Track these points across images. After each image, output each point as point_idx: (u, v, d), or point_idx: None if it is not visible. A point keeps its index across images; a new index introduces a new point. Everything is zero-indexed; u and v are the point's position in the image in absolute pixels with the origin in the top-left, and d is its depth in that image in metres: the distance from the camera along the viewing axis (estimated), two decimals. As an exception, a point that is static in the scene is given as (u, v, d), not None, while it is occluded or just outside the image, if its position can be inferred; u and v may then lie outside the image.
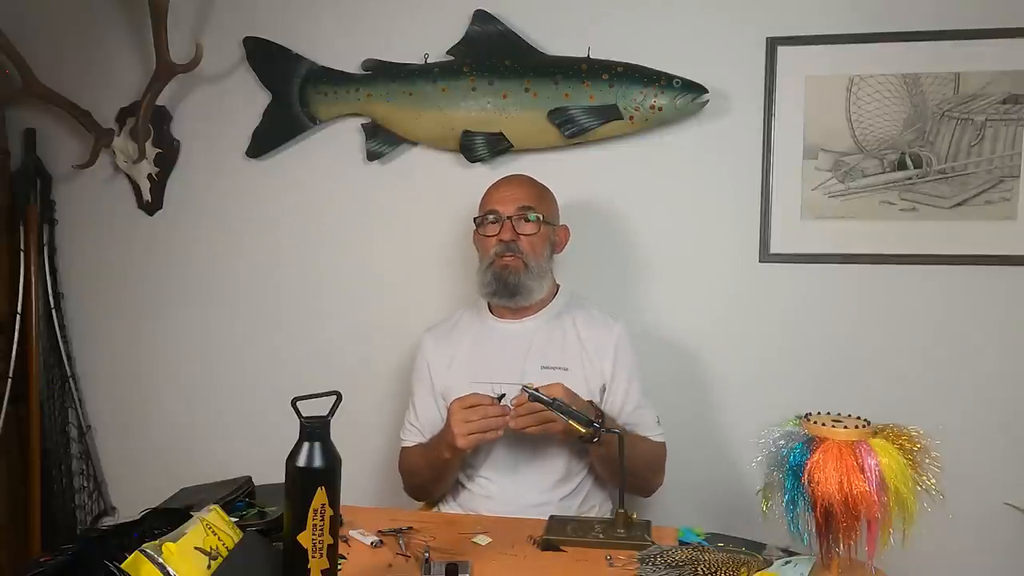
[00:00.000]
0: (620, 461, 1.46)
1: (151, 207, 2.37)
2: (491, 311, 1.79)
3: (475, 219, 1.77)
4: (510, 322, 1.76)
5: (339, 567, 1.19)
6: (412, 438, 1.77)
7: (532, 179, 1.81)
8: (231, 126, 2.29)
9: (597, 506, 1.74)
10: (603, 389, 1.70)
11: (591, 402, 1.59)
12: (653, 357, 2.04)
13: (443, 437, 1.58)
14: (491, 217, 1.73)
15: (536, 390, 1.49)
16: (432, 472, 1.67)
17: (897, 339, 2.00)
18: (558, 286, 1.81)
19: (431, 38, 2.13)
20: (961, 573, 1.97)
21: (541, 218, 1.72)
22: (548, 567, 1.32)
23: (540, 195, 1.77)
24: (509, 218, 1.70)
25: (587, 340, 1.73)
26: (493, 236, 1.72)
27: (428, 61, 2.14)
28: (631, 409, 1.70)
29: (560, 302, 1.79)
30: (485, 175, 2.02)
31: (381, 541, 1.40)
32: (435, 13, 2.14)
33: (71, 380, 2.42)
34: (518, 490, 1.67)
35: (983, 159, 1.93)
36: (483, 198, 1.78)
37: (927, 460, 1.15)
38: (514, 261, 1.69)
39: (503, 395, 1.54)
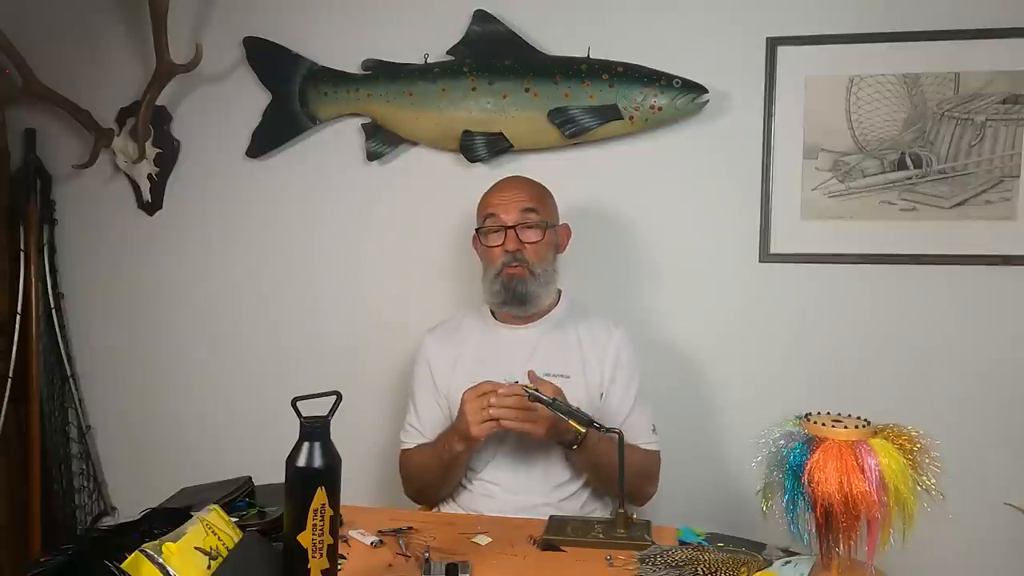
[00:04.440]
0: (620, 461, 1.46)
1: (151, 207, 2.37)
2: (494, 315, 1.78)
3: (477, 229, 1.76)
4: (514, 328, 1.76)
5: (339, 567, 1.19)
6: (413, 440, 1.76)
7: (530, 180, 1.80)
8: (231, 126, 2.29)
9: (597, 510, 1.73)
10: (603, 395, 1.70)
11: (578, 408, 1.58)
12: (653, 357, 2.04)
13: (455, 429, 1.58)
14: (492, 223, 1.71)
15: (536, 390, 1.50)
16: (441, 469, 1.66)
17: (897, 339, 2.00)
18: (559, 291, 1.81)
19: (431, 38, 2.13)
20: (961, 573, 1.97)
21: (545, 223, 1.71)
22: (548, 567, 1.32)
23: (540, 196, 1.76)
24: (512, 228, 1.69)
25: (588, 347, 1.73)
26: (497, 246, 1.70)
27: (428, 61, 2.14)
28: (626, 414, 1.70)
29: (563, 309, 1.78)
30: (485, 175, 2.03)
31: (381, 541, 1.40)
32: (435, 13, 2.14)
33: (71, 380, 2.42)
34: (519, 492, 1.67)
35: (983, 159, 1.93)
36: (481, 203, 1.77)
37: (927, 460, 1.14)
38: (520, 270, 1.68)
39: (515, 383, 1.54)
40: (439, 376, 1.76)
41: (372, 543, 1.39)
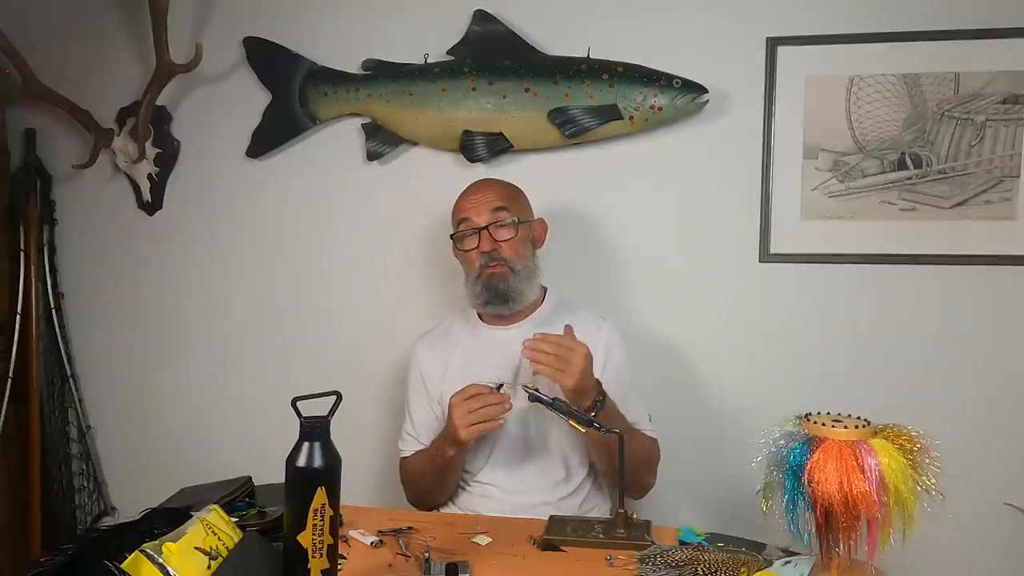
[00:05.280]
0: (620, 463, 1.46)
1: (151, 207, 2.37)
2: (480, 318, 1.79)
3: (452, 235, 1.77)
4: (501, 329, 1.76)
5: (339, 567, 1.19)
6: (410, 447, 1.77)
7: (498, 180, 1.81)
8: (231, 126, 2.29)
9: (596, 507, 1.73)
10: None
11: (598, 380, 1.57)
12: (653, 357, 2.04)
13: (446, 433, 1.59)
14: (465, 227, 1.72)
15: (536, 390, 1.49)
16: (436, 474, 1.67)
17: (897, 339, 2.00)
18: (545, 289, 1.81)
19: (431, 38, 2.13)
20: (961, 573, 1.97)
21: (516, 220, 1.71)
22: (548, 567, 1.32)
23: (510, 194, 1.76)
24: (485, 228, 1.69)
25: None
26: (473, 249, 1.71)
27: (428, 61, 2.14)
28: (620, 405, 1.69)
29: (548, 306, 1.79)
30: (485, 175, 2.02)
31: (381, 541, 1.40)
32: (435, 13, 2.14)
33: (71, 380, 2.42)
34: (518, 491, 1.67)
35: (983, 159, 1.93)
36: (454, 209, 1.77)
37: (927, 460, 1.14)
38: (500, 269, 1.69)
39: (501, 385, 1.54)
40: (430, 382, 1.76)
41: (372, 543, 1.39)
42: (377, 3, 2.19)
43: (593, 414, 1.55)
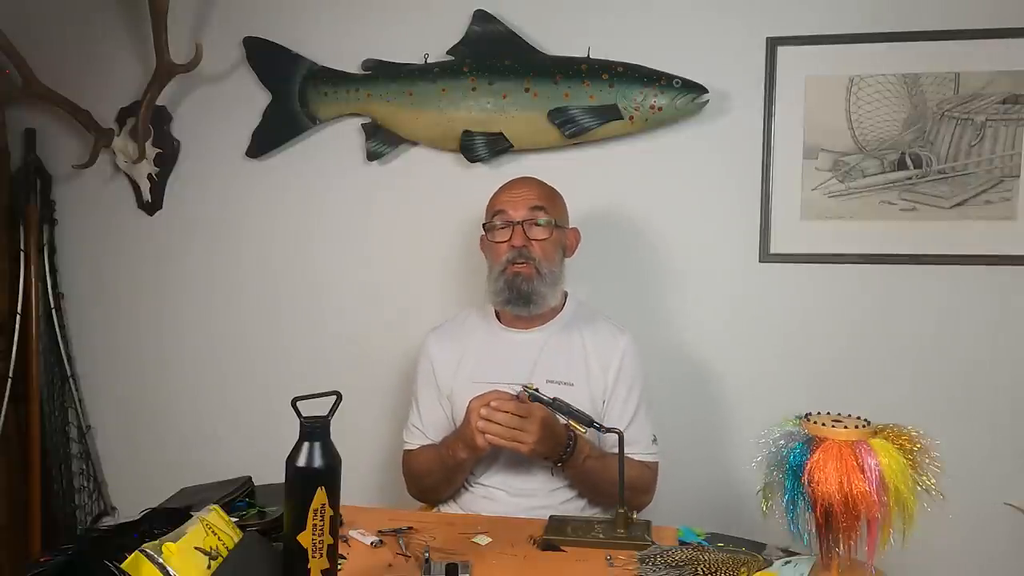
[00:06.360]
0: (620, 462, 1.46)
1: (151, 207, 2.37)
2: (498, 318, 1.77)
3: (484, 224, 1.74)
4: (519, 332, 1.74)
5: (339, 567, 1.19)
6: (416, 440, 1.76)
7: (540, 180, 1.77)
8: (231, 126, 2.29)
9: (598, 513, 1.72)
10: (605, 403, 1.69)
11: (579, 410, 1.56)
12: (652, 357, 2.02)
13: (460, 436, 1.57)
14: (500, 221, 1.69)
15: (536, 390, 1.49)
16: (445, 472, 1.66)
17: (897, 339, 2.00)
18: (566, 294, 1.79)
19: (431, 38, 2.13)
20: (961, 573, 1.97)
21: (553, 222, 1.69)
22: (548, 567, 1.32)
23: (550, 196, 1.74)
24: (520, 223, 1.67)
25: (593, 354, 1.71)
26: (504, 242, 1.68)
27: (428, 61, 2.14)
28: (627, 423, 1.67)
29: (569, 312, 1.76)
30: (485, 175, 2.03)
31: (381, 541, 1.40)
32: (435, 13, 2.15)
33: (71, 380, 2.42)
34: (520, 495, 1.66)
35: (983, 159, 1.93)
36: (491, 201, 1.75)
37: (927, 460, 1.14)
38: (526, 268, 1.65)
39: (522, 390, 1.53)
40: (441, 377, 1.75)
41: (372, 543, 1.39)
42: (377, 3, 2.19)
43: (559, 464, 1.58)
